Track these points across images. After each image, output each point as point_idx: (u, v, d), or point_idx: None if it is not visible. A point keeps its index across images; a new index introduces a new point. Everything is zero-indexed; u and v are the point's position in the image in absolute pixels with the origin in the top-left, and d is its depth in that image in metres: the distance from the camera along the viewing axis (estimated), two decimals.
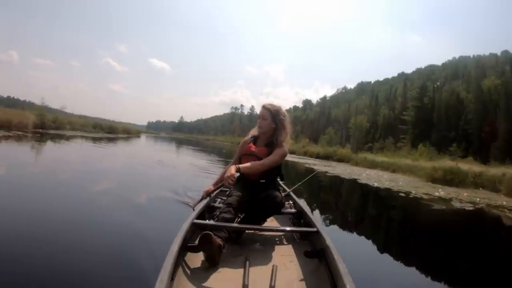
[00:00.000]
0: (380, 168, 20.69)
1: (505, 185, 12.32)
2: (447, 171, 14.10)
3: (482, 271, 3.75)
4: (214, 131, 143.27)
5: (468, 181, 13.73)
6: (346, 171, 17.17)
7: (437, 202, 8.72)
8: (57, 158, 9.79)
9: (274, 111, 2.71)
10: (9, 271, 2.20)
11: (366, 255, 3.72)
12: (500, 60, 51.44)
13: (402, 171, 18.49)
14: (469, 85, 46.88)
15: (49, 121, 23.50)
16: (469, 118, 42.30)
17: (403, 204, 8.52)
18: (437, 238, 5.06)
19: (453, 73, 59.32)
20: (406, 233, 5.41)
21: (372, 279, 2.86)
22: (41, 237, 2.89)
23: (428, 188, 12.01)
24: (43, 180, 6.01)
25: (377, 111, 57.22)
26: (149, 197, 5.31)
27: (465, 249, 4.71)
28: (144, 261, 2.48)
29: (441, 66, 72.27)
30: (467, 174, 14.04)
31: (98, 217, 3.71)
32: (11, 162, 7.69)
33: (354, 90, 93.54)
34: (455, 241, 5.07)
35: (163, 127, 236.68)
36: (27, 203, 4.01)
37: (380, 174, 17.11)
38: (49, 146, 13.36)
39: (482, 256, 4.39)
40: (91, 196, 4.96)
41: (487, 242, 5.35)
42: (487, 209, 8.35)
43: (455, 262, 3.94)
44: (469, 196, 10.57)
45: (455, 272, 3.54)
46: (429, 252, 4.21)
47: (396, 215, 7.27)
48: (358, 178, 13.78)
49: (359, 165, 23.43)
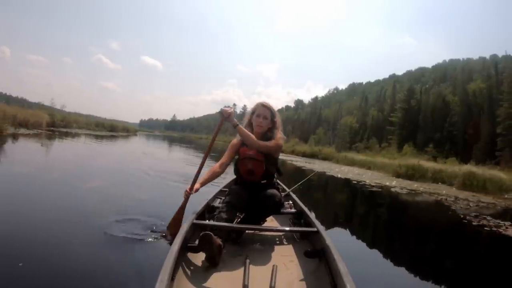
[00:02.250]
0: (358, 166, 22.59)
1: (458, 180, 14.28)
2: (409, 168, 16.01)
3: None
4: (206, 130, 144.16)
5: (427, 176, 15.64)
6: (323, 167, 19.11)
7: (382, 188, 10.67)
8: (76, 153, 11.79)
9: (273, 111, 2.82)
10: (10, 270, 2.23)
11: (366, 254, 3.80)
12: (487, 64, 53.44)
13: (376, 168, 20.37)
14: (456, 88, 49.06)
15: (58, 120, 26.80)
16: (454, 120, 44.35)
17: (348, 188, 10.42)
18: (425, 232, 5.58)
19: (442, 76, 61.18)
20: (405, 232, 5.66)
21: (372, 279, 2.92)
22: (36, 236, 2.93)
23: (384, 180, 14.09)
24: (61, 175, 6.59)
25: (366, 112, 59.31)
26: (151, 195, 5.47)
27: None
28: (144, 262, 2.52)
29: (431, 69, 74.40)
30: (427, 171, 15.95)
31: (100, 215, 3.65)
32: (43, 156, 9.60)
33: (345, 91, 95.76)
34: (444, 237, 5.52)
35: (156, 125, 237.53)
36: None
37: (351, 170, 19.20)
38: (67, 143, 15.42)
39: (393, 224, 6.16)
40: (98, 191, 5.29)
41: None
42: (419, 193, 10.22)
43: (444, 257, 4.19)
44: (417, 186, 12.62)
45: (455, 273, 3.66)
46: (425, 251, 4.41)
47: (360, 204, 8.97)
48: (328, 172, 15.82)
49: (339, 162, 25.38)
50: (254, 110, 2.82)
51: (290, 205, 3.30)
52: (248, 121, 2.85)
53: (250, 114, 2.84)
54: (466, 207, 8.07)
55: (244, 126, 2.81)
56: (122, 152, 15.24)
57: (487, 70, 48.31)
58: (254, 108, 2.83)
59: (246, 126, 2.83)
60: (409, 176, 15.60)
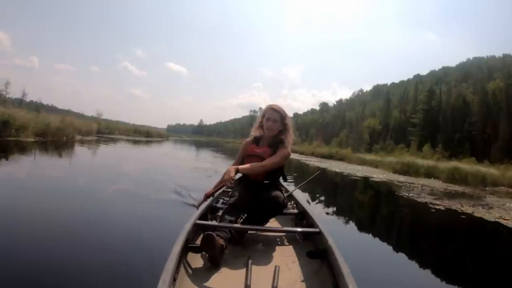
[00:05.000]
0: (368, 165, 25.90)
1: (444, 175, 17.55)
2: (405, 165, 19.36)
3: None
4: (233, 134, 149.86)
5: (421, 172, 18.92)
6: (333, 165, 22.83)
7: (367, 179, 14.23)
8: (123, 156, 16.49)
9: (283, 113, 2.87)
10: (13, 270, 2.46)
11: (368, 255, 3.92)
12: (508, 62, 54.80)
13: (383, 166, 23.59)
14: (476, 88, 50.82)
15: (103, 127, 34.03)
16: (473, 120, 46.17)
17: (341, 180, 13.98)
18: (439, 235, 5.74)
19: (464, 76, 62.93)
20: (407, 231, 5.97)
21: (375, 280, 3.00)
22: (44, 235, 3.24)
23: (379, 174, 17.74)
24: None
25: (389, 114, 61.78)
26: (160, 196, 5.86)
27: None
28: (146, 262, 2.68)
29: (454, 68, 75.82)
30: (421, 167, 19.26)
31: (109, 216, 4.20)
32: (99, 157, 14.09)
33: (370, 92, 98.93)
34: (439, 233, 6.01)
35: (183, 130, 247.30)
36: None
37: (357, 168, 22.79)
38: (122, 146, 21.57)
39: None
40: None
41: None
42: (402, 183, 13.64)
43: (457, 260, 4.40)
44: (404, 179, 16.10)
45: (460, 271, 3.82)
46: (433, 251, 4.61)
47: (363, 198, 11.17)
48: (334, 169, 19.51)
49: (352, 162, 28.76)
50: (264, 113, 2.90)
51: (292, 206, 3.33)
52: (259, 123, 2.95)
53: (261, 116, 2.93)
54: (431, 192, 11.40)
55: (256, 128, 3.00)
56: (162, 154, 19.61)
57: (507, 68, 49.53)
58: (264, 111, 2.91)
59: (258, 128, 2.99)
60: (404, 172, 19.02)
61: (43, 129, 16.97)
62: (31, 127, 16.10)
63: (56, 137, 17.59)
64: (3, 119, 14.17)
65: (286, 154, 2.79)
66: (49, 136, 17.12)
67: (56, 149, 13.56)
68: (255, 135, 3.00)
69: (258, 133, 2.99)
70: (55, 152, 12.70)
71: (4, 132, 14.03)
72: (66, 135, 18.60)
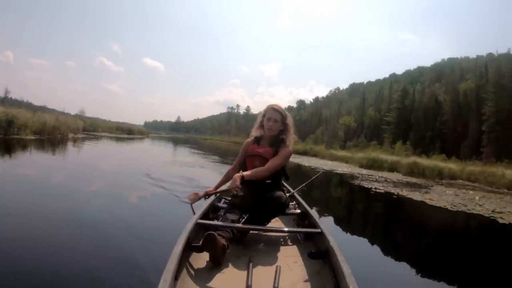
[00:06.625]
0: (339, 161, 27.51)
1: (404, 169, 19.19)
2: (370, 160, 20.89)
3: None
4: (211, 131, 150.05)
5: (385, 166, 20.51)
6: (305, 161, 24.35)
7: (332, 172, 15.57)
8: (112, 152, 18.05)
9: (283, 113, 2.88)
10: (14, 269, 2.50)
11: (370, 256, 4.04)
12: (480, 64, 57.16)
13: (352, 162, 25.14)
14: (448, 88, 52.84)
15: (88, 125, 35.30)
16: (444, 119, 48.14)
17: (306, 172, 15.26)
18: (420, 231, 6.02)
19: (439, 76, 65.49)
20: (405, 231, 6.09)
21: (376, 281, 3.08)
22: (44, 236, 3.28)
23: (344, 168, 19.32)
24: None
25: (364, 112, 64.00)
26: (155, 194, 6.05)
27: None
28: (148, 261, 2.73)
29: (429, 68, 78.59)
30: (385, 162, 20.84)
31: (105, 214, 4.27)
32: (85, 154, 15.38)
33: (347, 90, 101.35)
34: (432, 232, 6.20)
35: (160, 127, 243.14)
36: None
37: (328, 163, 24.40)
38: (111, 143, 23.37)
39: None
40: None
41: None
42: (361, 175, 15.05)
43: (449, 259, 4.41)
44: (366, 172, 17.68)
45: (458, 275, 3.85)
46: (432, 251, 4.70)
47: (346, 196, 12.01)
48: (305, 163, 20.97)
49: (324, 158, 30.39)
50: (265, 113, 2.91)
51: (294, 206, 3.34)
52: (260, 123, 2.96)
53: (262, 116, 2.95)
54: (384, 182, 12.85)
55: (256, 128, 3.00)
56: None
57: (479, 70, 51.85)
58: (265, 111, 2.92)
59: (258, 127, 2.99)
60: (369, 166, 20.61)
61: (40, 128, 18.50)
62: (30, 126, 17.53)
63: (52, 135, 19.20)
64: (7, 119, 15.73)
65: (288, 153, 2.81)
66: (45, 134, 18.63)
67: (55, 147, 15.12)
68: (255, 135, 3.00)
69: (258, 133, 2.99)
70: (56, 150, 14.05)
71: (8, 131, 15.63)
72: (61, 133, 20.43)
